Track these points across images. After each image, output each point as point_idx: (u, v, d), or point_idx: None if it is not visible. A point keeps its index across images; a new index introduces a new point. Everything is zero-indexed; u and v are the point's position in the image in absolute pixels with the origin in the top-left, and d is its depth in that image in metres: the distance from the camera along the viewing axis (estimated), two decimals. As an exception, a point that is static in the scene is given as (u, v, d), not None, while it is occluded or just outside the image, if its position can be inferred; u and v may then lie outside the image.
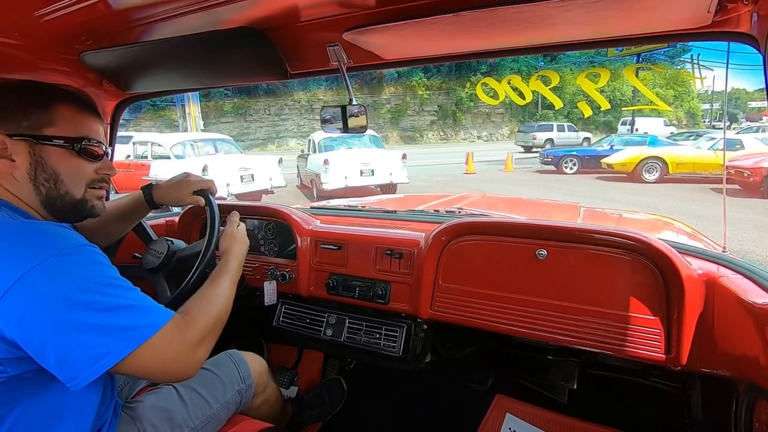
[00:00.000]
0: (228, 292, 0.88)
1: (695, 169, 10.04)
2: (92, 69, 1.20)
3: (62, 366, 0.62)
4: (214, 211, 1.10)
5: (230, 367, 1.11)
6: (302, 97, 24.94)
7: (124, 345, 0.64)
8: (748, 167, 7.91)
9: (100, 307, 0.64)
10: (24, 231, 0.67)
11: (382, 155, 8.98)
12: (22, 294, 0.60)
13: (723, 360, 0.94)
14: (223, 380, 1.06)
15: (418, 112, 26.84)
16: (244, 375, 1.11)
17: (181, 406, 0.96)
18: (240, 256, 0.98)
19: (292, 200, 8.68)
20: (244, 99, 24.04)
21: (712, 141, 10.48)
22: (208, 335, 0.76)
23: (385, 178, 8.50)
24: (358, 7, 0.87)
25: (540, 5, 0.73)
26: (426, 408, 1.64)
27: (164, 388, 1.00)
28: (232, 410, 1.07)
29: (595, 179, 11.05)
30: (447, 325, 1.26)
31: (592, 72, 1.14)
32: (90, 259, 0.68)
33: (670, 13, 0.81)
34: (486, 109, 27.13)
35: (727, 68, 1.10)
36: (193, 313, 0.76)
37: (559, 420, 1.21)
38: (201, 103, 13.40)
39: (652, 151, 10.79)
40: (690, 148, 10.87)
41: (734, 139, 10.27)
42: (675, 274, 0.97)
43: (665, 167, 10.32)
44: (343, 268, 1.39)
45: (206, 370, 1.07)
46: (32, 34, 0.96)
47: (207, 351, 0.76)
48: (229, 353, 1.16)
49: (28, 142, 0.73)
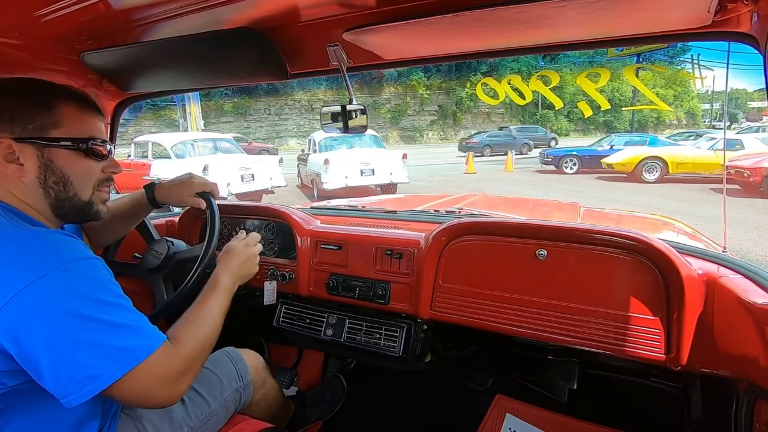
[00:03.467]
0: (217, 312, 0.85)
1: (695, 169, 10.05)
2: (92, 69, 1.20)
3: (56, 384, 0.62)
4: (214, 214, 1.10)
5: (227, 365, 1.11)
6: (302, 97, 25.01)
7: (117, 367, 0.63)
8: (748, 167, 7.93)
9: (98, 325, 0.63)
10: (29, 241, 0.66)
11: (382, 155, 8.97)
12: (22, 306, 0.60)
13: (723, 360, 0.94)
14: (221, 378, 1.06)
15: (418, 112, 26.93)
16: (242, 373, 1.11)
17: (181, 406, 0.96)
18: (234, 272, 0.95)
19: (292, 200, 8.69)
20: (244, 99, 24.10)
21: (711, 141, 10.50)
22: (194, 363, 0.75)
23: (386, 178, 8.51)
24: (358, 7, 0.87)
25: (540, 5, 0.73)
26: (426, 408, 1.64)
27: None
28: (231, 409, 1.06)
29: (596, 179, 11.08)
30: (447, 325, 1.26)
31: (592, 72, 1.14)
32: (92, 274, 0.68)
33: (670, 13, 0.81)
34: (486, 109, 27.21)
35: (727, 68, 1.10)
36: (181, 338, 0.75)
37: (559, 420, 1.21)
38: (201, 103, 13.46)
39: (652, 151, 10.81)
40: (690, 148, 10.88)
41: (734, 140, 10.27)
42: (675, 274, 0.97)
43: (665, 167, 10.33)
44: (343, 268, 1.39)
45: (204, 368, 1.06)
46: (32, 34, 0.96)
47: (191, 380, 0.74)
48: (227, 351, 1.16)
49: (36, 146, 0.73)
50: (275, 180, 8.33)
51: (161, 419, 0.92)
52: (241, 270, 0.99)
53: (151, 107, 21.47)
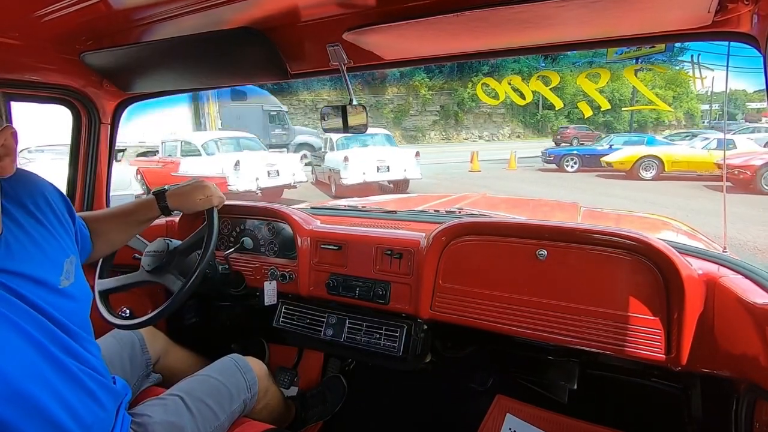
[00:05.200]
0: None
1: (689, 167, 10.49)
2: (92, 69, 1.20)
3: None
4: (213, 219, 1.15)
5: (237, 375, 1.09)
6: (307, 97, 25.14)
7: None
8: (738, 165, 8.43)
9: None
10: None
11: (396, 153, 9.54)
12: None
13: (723, 360, 0.94)
14: (230, 390, 1.05)
15: (420, 112, 27.08)
16: (251, 384, 1.10)
17: (190, 420, 0.94)
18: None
19: (309, 195, 9.09)
20: None
21: (705, 141, 10.99)
22: None
23: (400, 174, 8.97)
24: (359, 7, 0.87)
25: (540, 5, 0.73)
26: (426, 408, 1.64)
27: (169, 399, 0.98)
28: (237, 416, 1.06)
29: (595, 177, 11.37)
30: (447, 325, 1.26)
31: (592, 72, 1.14)
32: None
33: (670, 13, 0.81)
34: (487, 110, 27.33)
35: (727, 69, 1.10)
36: None
37: (559, 420, 1.21)
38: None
39: (649, 150, 11.24)
40: (685, 148, 11.34)
41: (728, 140, 10.73)
42: (675, 274, 0.97)
43: (661, 165, 10.74)
44: (343, 268, 1.39)
45: (214, 378, 1.06)
46: (32, 34, 0.96)
47: None
48: (234, 359, 1.14)
49: None
50: (297, 176, 8.83)
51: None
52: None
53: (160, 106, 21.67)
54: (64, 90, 1.33)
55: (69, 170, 1.51)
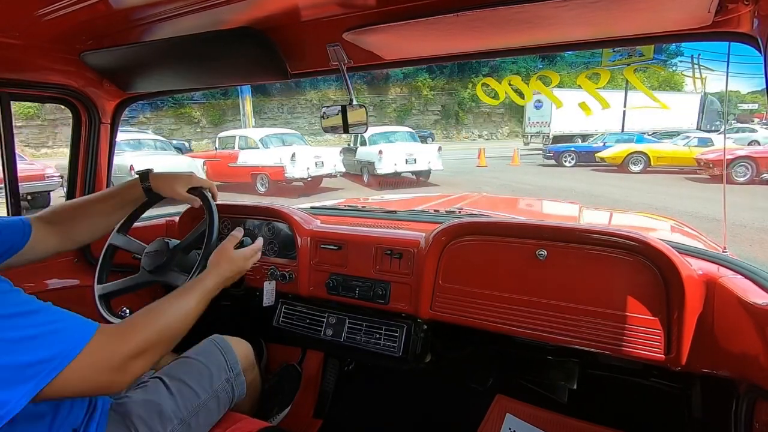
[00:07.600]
0: (191, 308, 0.83)
1: (673, 162, 12.23)
2: (92, 69, 1.20)
3: None
4: (212, 210, 1.10)
5: (216, 354, 1.10)
6: (313, 96, 25.68)
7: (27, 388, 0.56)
8: (712, 159, 10.05)
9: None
10: None
11: (420, 147, 11.48)
12: None
13: (723, 360, 0.94)
14: (209, 368, 1.05)
15: (422, 112, 27.68)
16: (232, 363, 1.10)
17: (170, 399, 0.95)
18: (221, 277, 0.94)
19: (343, 183, 10.97)
20: (258, 97, 24.62)
21: (686, 139, 13.04)
22: (149, 349, 0.71)
23: (425, 166, 10.83)
24: (359, 7, 0.87)
25: (540, 5, 0.73)
26: (426, 408, 1.64)
27: (150, 382, 0.99)
28: (224, 400, 1.05)
29: (590, 171, 12.95)
30: (447, 326, 1.26)
31: (592, 72, 1.14)
32: None
33: (671, 13, 0.81)
34: (487, 109, 27.75)
35: (727, 69, 1.10)
36: (137, 322, 0.72)
37: (559, 420, 1.21)
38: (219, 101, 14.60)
39: (637, 146, 12.91)
40: (669, 145, 13.24)
41: (705, 138, 12.69)
42: (675, 275, 0.97)
43: (648, 160, 12.41)
44: (343, 268, 1.39)
45: (191, 359, 1.06)
46: (33, 34, 0.96)
47: (145, 366, 0.70)
48: (214, 339, 1.14)
49: None
50: (338, 167, 10.64)
51: (150, 414, 0.91)
52: (226, 270, 0.98)
53: (172, 105, 22.11)
54: (65, 89, 1.33)
55: (69, 170, 1.51)
